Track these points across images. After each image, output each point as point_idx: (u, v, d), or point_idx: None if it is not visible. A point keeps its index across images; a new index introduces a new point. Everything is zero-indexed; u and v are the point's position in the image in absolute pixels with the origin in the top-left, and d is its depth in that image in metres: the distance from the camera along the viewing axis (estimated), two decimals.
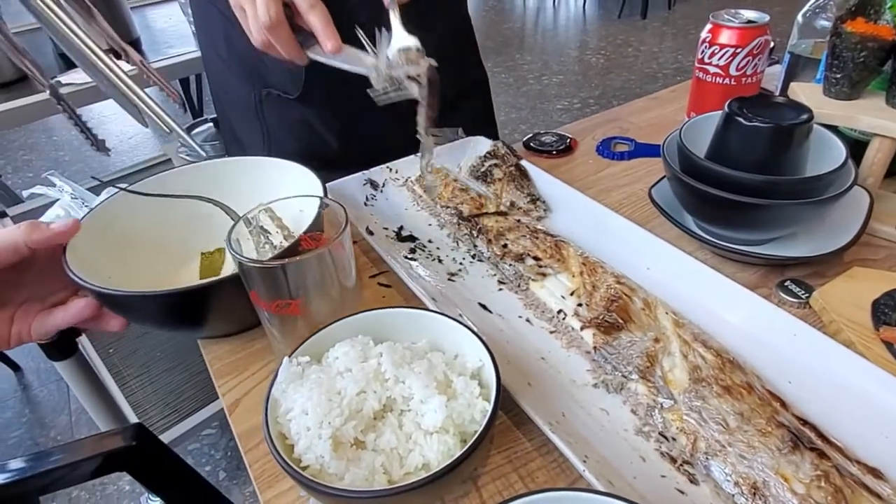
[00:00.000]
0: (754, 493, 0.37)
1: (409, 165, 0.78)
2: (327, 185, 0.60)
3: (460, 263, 0.64)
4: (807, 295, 0.57)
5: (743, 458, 0.39)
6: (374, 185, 0.75)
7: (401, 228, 0.69)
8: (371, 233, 0.66)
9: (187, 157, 1.55)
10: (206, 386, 1.43)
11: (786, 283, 0.58)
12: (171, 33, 1.45)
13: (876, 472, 0.39)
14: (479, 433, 0.37)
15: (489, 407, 0.39)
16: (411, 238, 0.68)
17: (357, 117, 0.83)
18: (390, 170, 0.78)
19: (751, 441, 0.40)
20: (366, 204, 0.73)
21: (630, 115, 0.99)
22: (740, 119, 0.59)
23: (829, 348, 0.46)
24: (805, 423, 0.42)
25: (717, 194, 0.58)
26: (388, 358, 0.42)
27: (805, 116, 0.58)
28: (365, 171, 0.76)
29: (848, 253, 0.60)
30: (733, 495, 0.38)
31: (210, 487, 0.80)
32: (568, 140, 0.88)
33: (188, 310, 0.52)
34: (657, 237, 0.61)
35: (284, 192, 0.55)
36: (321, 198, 0.52)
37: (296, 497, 0.43)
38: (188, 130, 1.70)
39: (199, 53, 1.29)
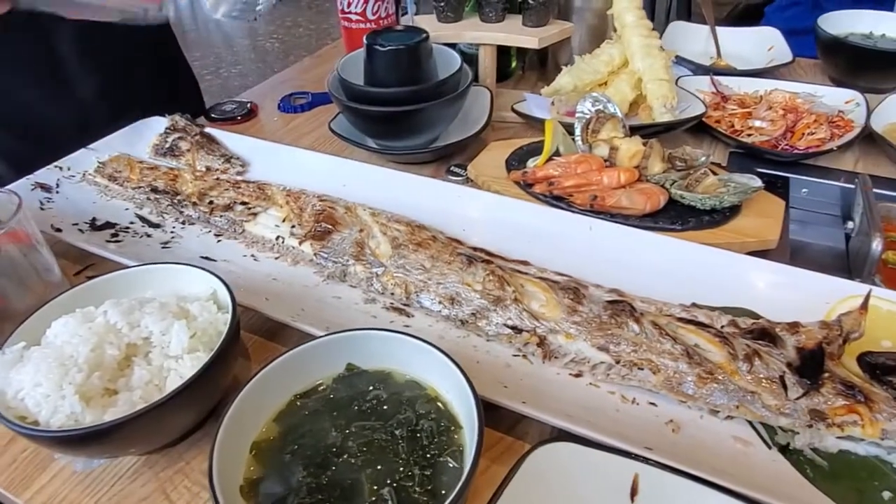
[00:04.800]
0: (452, 302, 0.49)
1: (81, 159, 0.73)
2: None
3: (171, 232, 0.64)
4: (465, 173, 0.72)
5: (440, 284, 0.51)
6: (45, 188, 0.69)
7: (93, 220, 0.66)
8: (59, 230, 0.61)
9: None
10: None
11: (451, 169, 0.74)
12: None
13: (524, 262, 0.54)
14: (223, 338, 0.41)
15: (229, 317, 0.43)
16: (109, 225, 0.65)
17: None
18: (60, 168, 0.72)
19: (442, 270, 0.52)
20: (42, 208, 0.67)
21: (300, 75, 1.06)
22: (378, 47, 0.71)
23: (481, 197, 0.62)
24: (476, 249, 0.56)
25: (377, 110, 0.70)
26: (114, 311, 0.42)
27: (424, 35, 0.72)
28: (29, 176, 0.69)
29: (487, 137, 0.78)
30: (440, 311, 0.50)
31: None
32: (248, 104, 0.92)
33: None
34: (346, 159, 0.70)
35: None
36: None
37: (56, 483, 0.41)
38: None
39: None
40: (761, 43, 0.98)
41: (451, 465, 0.36)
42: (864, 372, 0.42)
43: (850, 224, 0.64)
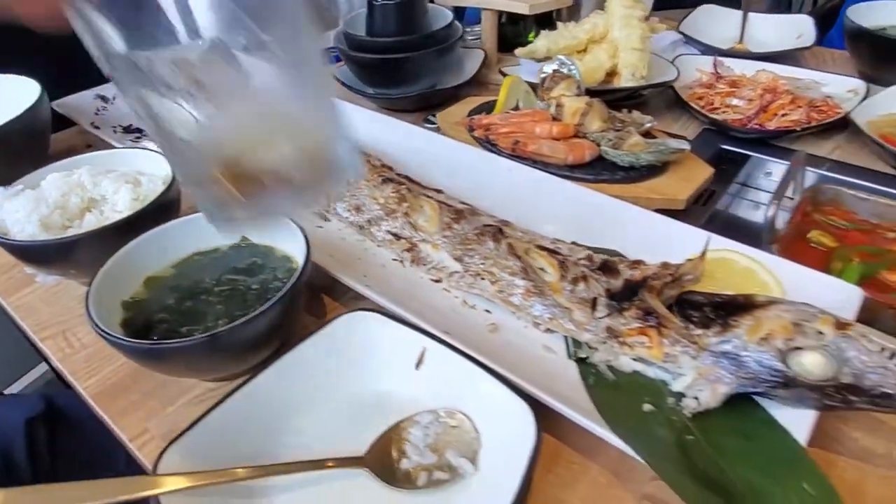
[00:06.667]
0: (357, 210, 0.58)
1: None
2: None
3: None
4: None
5: (353, 196, 0.59)
6: (104, 98, 0.86)
7: (129, 125, 0.81)
8: (97, 127, 0.77)
9: None
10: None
11: (427, 117, 0.81)
12: None
13: (439, 191, 0.61)
14: (159, 194, 0.52)
15: (164, 187, 0.54)
16: (138, 130, 0.80)
17: None
18: None
19: (359, 184, 0.60)
20: (96, 113, 0.83)
21: None
22: (375, 2, 0.80)
23: (419, 133, 0.69)
24: (401, 175, 0.63)
25: (367, 57, 0.79)
26: (86, 173, 0.55)
27: None
28: (95, 88, 0.86)
29: (470, 92, 0.84)
30: (347, 217, 0.58)
31: None
32: None
33: None
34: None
35: None
36: None
37: (31, 297, 0.56)
38: None
39: None
40: (791, 31, 0.94)
41: None
42: (675, 306, 0.45)
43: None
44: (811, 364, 0.37)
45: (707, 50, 0.91)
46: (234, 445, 0.39)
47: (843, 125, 0.72)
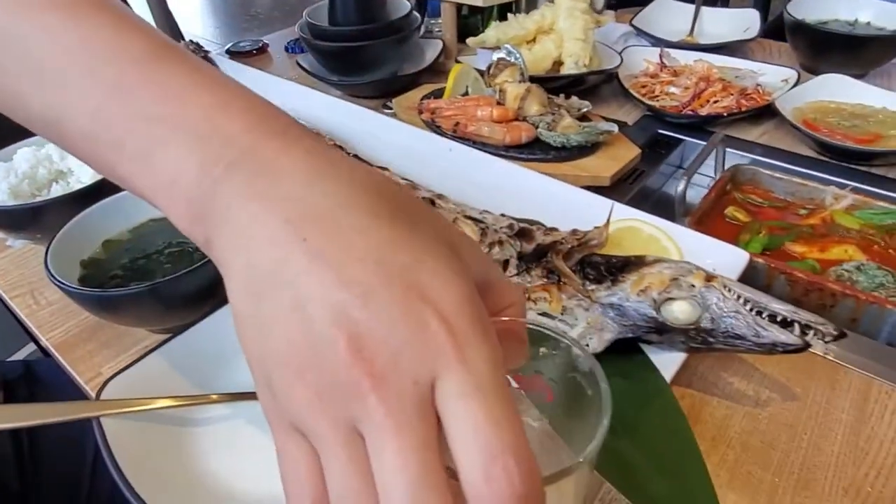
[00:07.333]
0: None
1: None
2: None
3: None
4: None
5: None
6: None
7: None
8: None
9: None
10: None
11: (385, 103, 0.86)
12: None
13: (385, 168, 0.66)
14: None
15: None
16: None
17: None
18: None
19: None
20: None
21: None
22: None
23: (369, 117, 0.74)
24: (349, 152, 0.68)
25: (326, 45, 0.84)
26: (54, 147, 0.60)
27: None
28: None
29: (429, 79, 0.89)
30: None
31: None
32: (261, 43, 1.10)
33: None
34: (301, 86, 0.84)
35: None
36: None
37: (4, 261, 0.60)
38: None
39: None
40: (740, 23, 0.99)
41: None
42: (578, 266, 0.50)
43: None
44: (679, 311, 0.42)
45: (657, 42, 0.95)
46: (175, 381, 0.44)
47: (772, 112, 0.77)
